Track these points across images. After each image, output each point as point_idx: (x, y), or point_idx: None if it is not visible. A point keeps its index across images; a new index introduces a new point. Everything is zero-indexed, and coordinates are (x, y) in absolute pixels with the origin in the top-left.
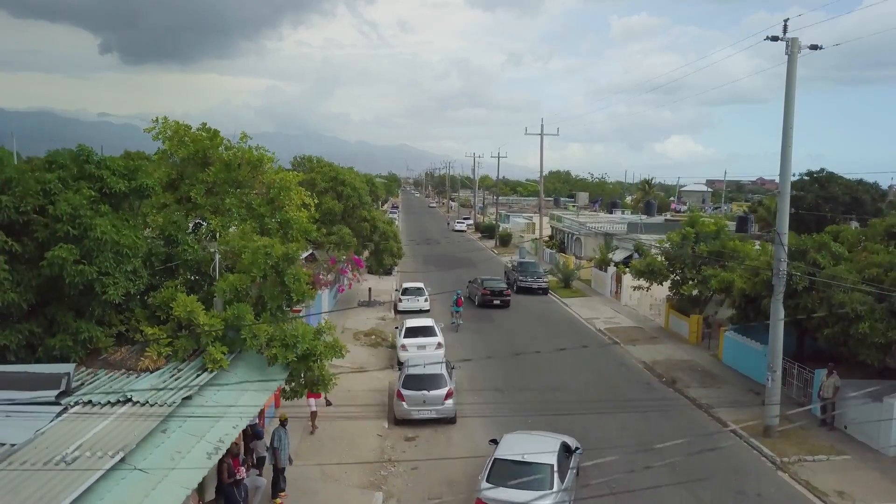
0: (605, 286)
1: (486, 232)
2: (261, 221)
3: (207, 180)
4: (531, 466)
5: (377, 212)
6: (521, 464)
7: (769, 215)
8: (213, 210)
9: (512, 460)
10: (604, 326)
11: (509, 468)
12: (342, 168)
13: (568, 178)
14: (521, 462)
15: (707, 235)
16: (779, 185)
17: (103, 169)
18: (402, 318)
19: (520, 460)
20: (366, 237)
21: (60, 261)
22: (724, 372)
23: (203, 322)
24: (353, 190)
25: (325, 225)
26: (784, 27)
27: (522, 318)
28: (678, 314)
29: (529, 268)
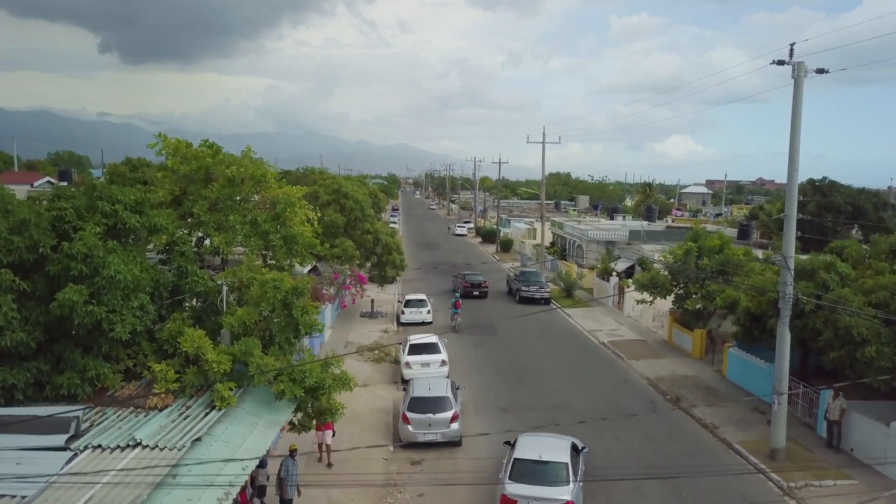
0: (608, 296)
1: (486, 237)
2: (265, 238)
3: (210, 196)
4: (548, 465)
5: (380, 224)
6: (540, 463)
7: (770, 221)
8: (217, 226)
9: (531, 460)
10: (607, 339)
11: (529, 467)
12: (345, 180)
13: (568, 181)
14: (539, 461)
15: (710, 250)
16: (785, 209)
17: (116, 203)
18: (405, 331)
19: (538, 460)
20: (368, 249)
21: (70, 303)
22: (728, 389)
23: (211, 359)
24: (355, 203)
25: (327, 238)
26: (790, 51)
27: (525, 331)
28: (681, 328)
29: (531, 277)
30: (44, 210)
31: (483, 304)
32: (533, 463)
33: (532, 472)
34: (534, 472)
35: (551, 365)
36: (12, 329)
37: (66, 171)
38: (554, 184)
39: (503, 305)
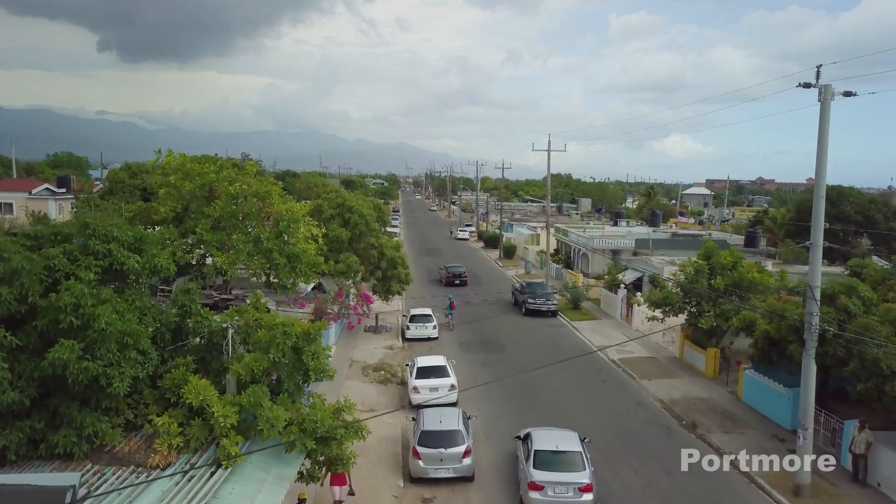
0: (616, 308)
1: (489, 242)
2: (268, 256)
3: (213, 215)
4: (566, 454)
5: (385, 238)
6: (558, 452)
7: (775, 226)
8: (219, 246)
9: (550, 450)
10: (617, 357)
11: (549, 457)
12: (349, 194)
13: (569, 182)
14: (557, 451)
15: (723, 267)
16: (811, 236)
17: (111, 242)
18: (410, 347)
19: (556, 450)
20: (373, 264)
21: (62, 361)
22: (744, 413)
23: (217, 412)
24: (360, 217)
25: (332, 252)
26: (817, 73)
27: (532, 346)
28: (693, 346)
29: (538, 289)
30: (36, 256)
31: (489, 317)
32: (552, 453)
33: (552, 461)
34: (554, 461)
35: (562, 386)
36: (3, 389)
37: (64, 177)
38: (555, 185)
39: (509, 318)
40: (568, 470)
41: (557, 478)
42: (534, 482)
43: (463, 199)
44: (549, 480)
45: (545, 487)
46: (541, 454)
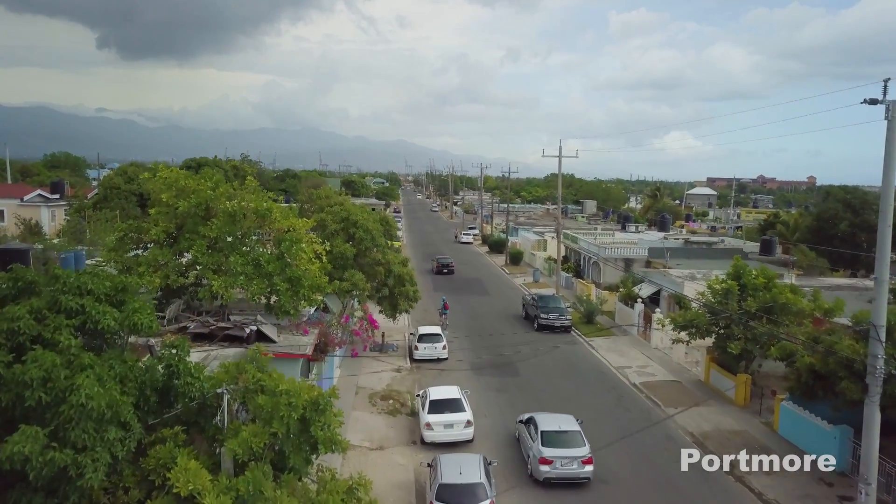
0: (632, 323)
1: (494, 247)
2: (269, 279)
3: (209, 235)
4: (568, 433)
5: (392, 253)
6: (561, 432)
7: (788, 231)
8: (215, 268)
9: (554, 431)
10: (639, 380)
11: (554, 436)
12: (354, 207)
13: (572, 182)
14: (560, 431)
15: (755, 288)
16: (875, 269)
17: (85, 296)
18: (418, 369)
19: (559, 430)
20: (380, 281)
21: (21, 456)
22: (784, 450)
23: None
24: (365, 232)
25: (336, 270)
26: (884, 88)
27: (548, 368)
28: (721, 370)
29: (551, 303)
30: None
31: (500, 332)
32: (556, 433)
33: (557, 439)
34: (558, 440)
35: (585, 418)
36: None
37: (58, 182)
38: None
39: (521, 334)
40: (571, 446)
41: (564, 453)
42: (544, 458)
43: (465, 200)
44: (557, 455)
45: (554, 461)
46: (547, 434)
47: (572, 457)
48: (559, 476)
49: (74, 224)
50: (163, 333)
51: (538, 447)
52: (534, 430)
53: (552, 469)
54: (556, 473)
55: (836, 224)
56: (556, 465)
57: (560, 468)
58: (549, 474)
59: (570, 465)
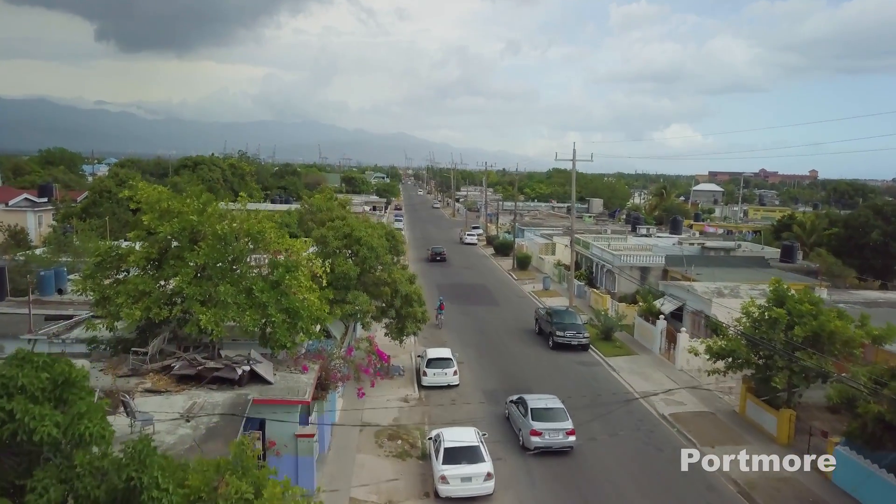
0: (653, 341)
1: (500, 249)
2: (263, 310)
3: (196, 262)
4: (554, 410)
5: (398, 272)
6: (548, 409)
7: (804, 233)
8: (202, 300)
9: (542, 408)
10: (667, 411)
11: (542, 412)
12: (357, 221)
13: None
14: (547, 408)
15: (800, 315)
16: None
17: (13, 397)
18: (427, 398)
19: (546, 407)
20: (386, 303)
21: None
22: (839, 502)
23: None
24: (370, 250)
25: (338, 290)
26: None
27: (564, 393)
28: (759, 401)
29: (567, 318)
30: None
31: (512, 350)
32: (544, 409)
33: (545, 415)
34: (546, 415)
35: (612, 459)
36: None
37: (46, 185)
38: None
39: (535, 352)
40: (557, 420)
41: (551, 426)
42: (534, 430)
43: (468, 198)
44: (546, 428)
45: (543, 433)
46: (536, 410)
47: (558, 429)
48: (547, 445)
49: (58, 235)
50: (145, 373)
51: (529, 422)
52: (524, 409)
53: (541, 439)
54: (545, 443)
55: (867, 233)
56: (544, 436)
57: (548, 438)
58: (539, 444)
59: (556, 436)
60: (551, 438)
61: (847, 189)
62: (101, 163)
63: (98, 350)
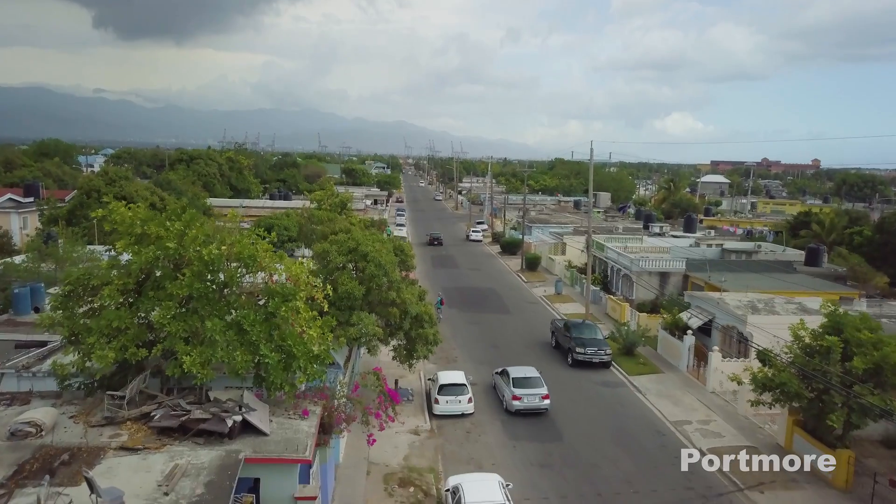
0: (680, 358)
1: (506, 248)
2: (254, 349)
3: (179, 294)
4: (532, 378)
5: (408, 290)
6: (527, 378)
7: (823, 232)
8: (186, 337)
9: (522, 377)
10: (705, 444)
11: (522, 380)
12: (362, 234)
13: (580, 168)
14: (526, 377)
15: (859, 344)
16: None
17: None
18: (440, 431)
19: (525, 376)
20: (395, 325)
21: None
22: None
23: None
24: (377, 267)
25: (341, 311)
26: None
27: (594, 428)
28: (808, 436)
29: (586, 333)
30: None
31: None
32: (523, 378)
33: (524, 383)
34: (525, 383)
35: None
36: None
37: (32, 184)
38: (566, 175)
39: (554, 371)
40: (534, 387)
41: (529, 392)
42: (515, 395)
43: (472, 191)
44: (524, 393)
45: (522, 398)
46: (517, 379)
47: (535, 394)
48: (526, 407)
49: (39, 242)
50: (121, 421)
51: (511, 389)
52: (507, 379)
53: (521, 403)
54: (524, 406)
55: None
56: (523, 400)
57: (526, 402)
58: (519, 407)
59: (533, 400)
60: (529, 402)
61: (856, 181)
62: (97, 153)
63: (71, 388)
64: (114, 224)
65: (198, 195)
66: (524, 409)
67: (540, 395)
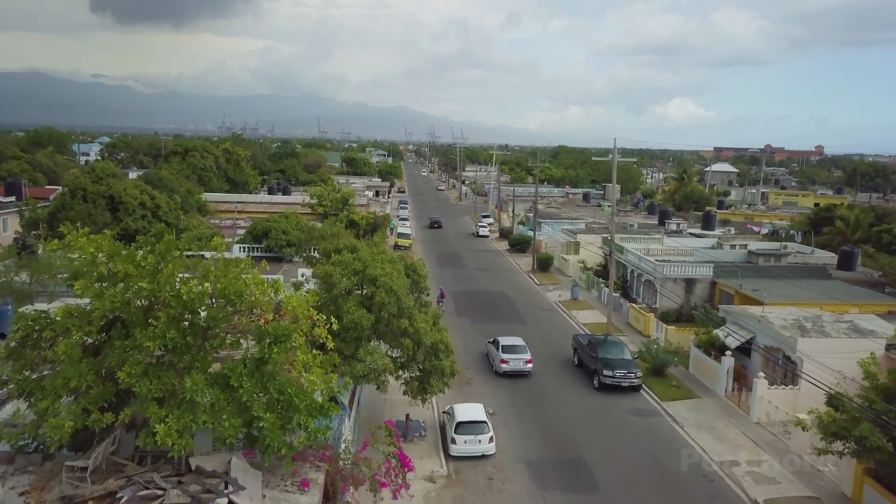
0: (717, 381)
1: (515, 245)
2: (244, 409)
3: (150, 346)
4: (517, 346)
5: (422, 318)
6: (514, 346)
7: (848, 229)
8: (160, 398)
9: (509, 345)
10: (760, 494)
11: (510, 347)
12: (369, 253)
13: (584, 157)
14: (513, 345)
15: None
16: None
17: None
18: (458, 477)
19: (512, 344)
20: (408, 357)
21: None
22: None
23: None
24: (388, 294)
25: (346, 344)
26: None
27: (630, 469)
28: (881, 489)
29: (613, 351)
30: None
31: (549, 392)
32: (510, 346)
33: (511, 349)
34: (512, 349)
35: None
36: None
37: (13, 182)
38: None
39: (577, 395)
40: (520, 353)
41: (515, 356)
42: (503, 359)
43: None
44: (511, 358)
45: (509, 361)
46: (505, 346)
47: (520, 358)
48: (512, 370)
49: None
50: (81, 502)
51: (500, 353)
52: (497, 346)
53: (508, 366)
54: (510, 368)
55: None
56: (510, 363)
57: (512, 364)
58: (507, 369)
59: (518, 364)
60: (514, 365)
61: (867, 170)
62: (93, 141)
63: (25, 452)
64: (72, 259)
65: (192, 191)
66: (510, 370)
67: (524, 360)
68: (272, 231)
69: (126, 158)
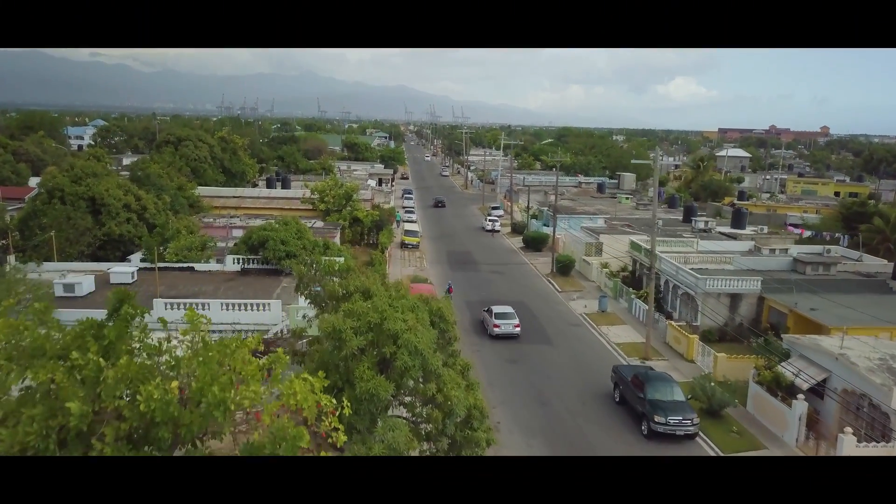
0: (785, 427)
1: (530, 243)
2: None
3: None
4: (508, 313)
5: (451, 378)
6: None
7: (887, 227)
8: None
9: (501, 312)
10: None
11: (501, 314)
12: (386, 298)
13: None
14: (505, 312)
15: None
16: None
17: None
18: None
19: (503, 312)
20: (438, 430)
21: None
22: None
23: None
24: (412, 356)
25: (359, 417)
26: None
27: None
28: None
29: (664, 391)
30: None
31: (589, 438)
32: (502, 313)
33: (503, 316)
34: (504, 316)
35: None
36: None
37: None
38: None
39: (625, 443)
40: (510, 319)
41: (506, 321)
42: (495, 324)
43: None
44: (502, 323)
45: (500, 325)
46: (497, 313)
47: (509, 323)
48: (503, 332)
49: None
50: None
51: (492, 319)
52: (490, 314)
53: (499, 329)
54: (501, 331)
55: None
56: (501, 327)
57: (503, 329)
58: (498, 332)
59: (508, 327)
60: (505, 329)
61: (884, 154)
62: (88, 123)
63: None
64: None
65: (184, 185)
66: (502, 333)
67: (513, 324)
68: (269, 241)
69: (120, 143)
